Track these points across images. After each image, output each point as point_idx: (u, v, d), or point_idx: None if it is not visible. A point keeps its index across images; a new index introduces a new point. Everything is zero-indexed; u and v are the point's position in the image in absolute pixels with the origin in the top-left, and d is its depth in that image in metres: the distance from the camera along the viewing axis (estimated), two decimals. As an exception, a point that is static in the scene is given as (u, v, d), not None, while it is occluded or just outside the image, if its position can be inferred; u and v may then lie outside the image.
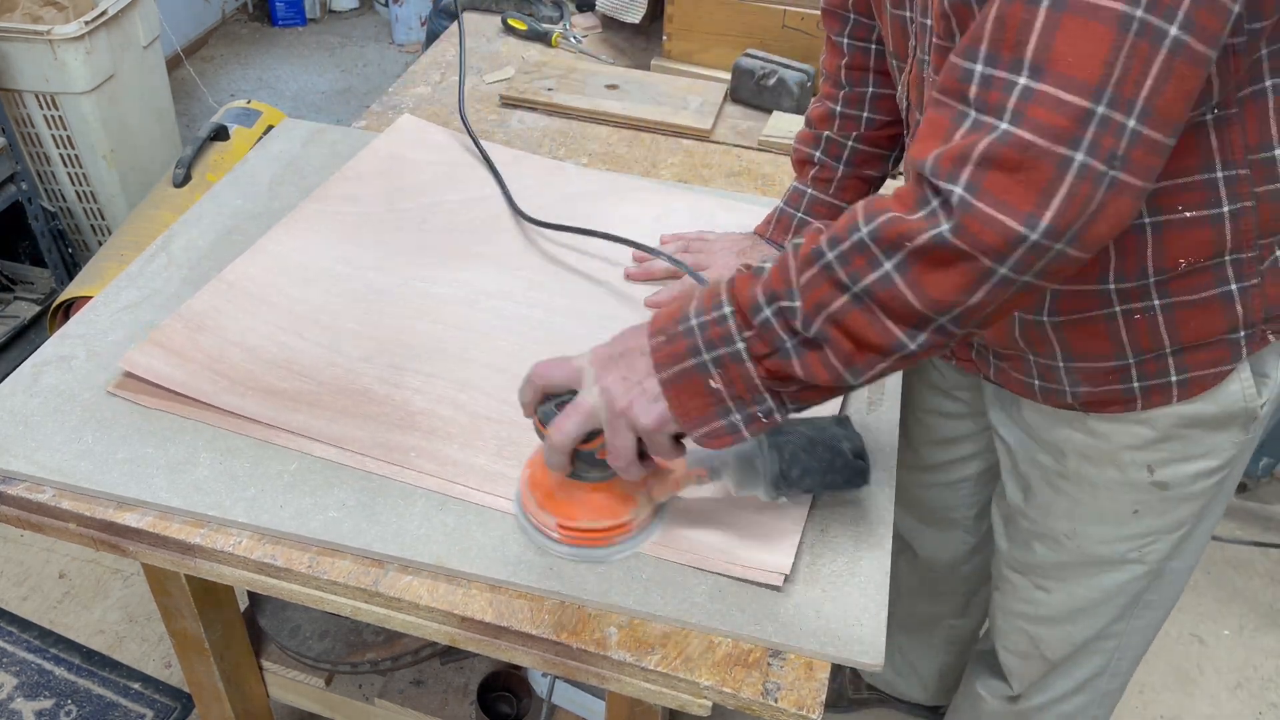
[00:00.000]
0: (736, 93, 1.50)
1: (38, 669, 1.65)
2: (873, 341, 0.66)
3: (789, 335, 0.68)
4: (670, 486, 0.83)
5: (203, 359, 0.95)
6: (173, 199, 2.01)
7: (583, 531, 0.82)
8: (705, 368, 0.70)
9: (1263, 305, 0.81)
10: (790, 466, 0.79)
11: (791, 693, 0.74)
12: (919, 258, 0.62)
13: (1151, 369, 0.85)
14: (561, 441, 0.75)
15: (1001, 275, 0.61)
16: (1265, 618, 1.89)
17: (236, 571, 0.83)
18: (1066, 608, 1.07)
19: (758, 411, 0.71)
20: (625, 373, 0.73)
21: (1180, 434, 0.89)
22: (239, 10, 3.82)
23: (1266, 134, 0.73)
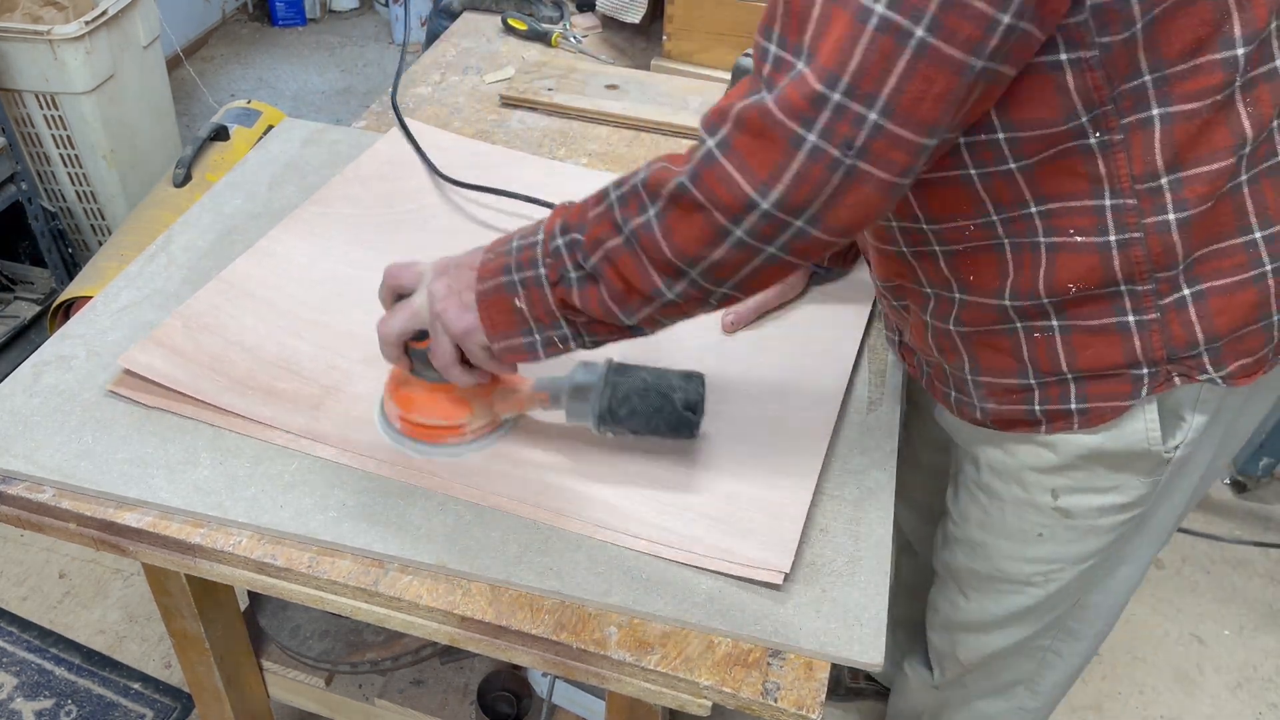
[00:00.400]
0: (736, 93, 1.51)
1: (38, 669, 1.65)
2: (636, 285, 0.70)
3: (574, 267, 0.72)
4: (514, 405, 0.89)
5: (203, 358, 0.95)
6: (173, 199, 2.01)
7: (416, 425, 0.89)
8: (514, 287, 0.75)
9: (1164, 344, 0.78)
10: (619, 405, 0.85)
11: (791, 692, 0.74)
12: (671, 205, 0.67)
13: (1054, 393, 0.83)
14: (385, 334, 0.83)
15: (738, 237, 0.65)
16: (1265, 618, 1.89)
17: (236, 571, 0.83)
18: (980, 618, 1.06)
19: (554, 336, 0.76)
20: (451, 280, 0.79)
21: (1083, 465, 0.87)
22: (239, 10, 3.82)
23: (1153, 164, 0.71)
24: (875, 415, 0.98)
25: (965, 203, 0.76)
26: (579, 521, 0.84)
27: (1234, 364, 0.79)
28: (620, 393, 0.85)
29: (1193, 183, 0.71)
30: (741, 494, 0.87)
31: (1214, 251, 0.75)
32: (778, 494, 0.87)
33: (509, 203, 1.22)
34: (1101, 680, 1.77)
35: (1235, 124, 0.70)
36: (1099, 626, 1.06)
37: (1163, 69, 0.67)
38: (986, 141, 0.71)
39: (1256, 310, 0.77)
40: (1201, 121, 0.69)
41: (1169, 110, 0.69)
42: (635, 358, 0.88)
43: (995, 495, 0.95)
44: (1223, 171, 0.71)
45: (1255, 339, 0.79)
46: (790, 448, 0.92)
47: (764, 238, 0.65)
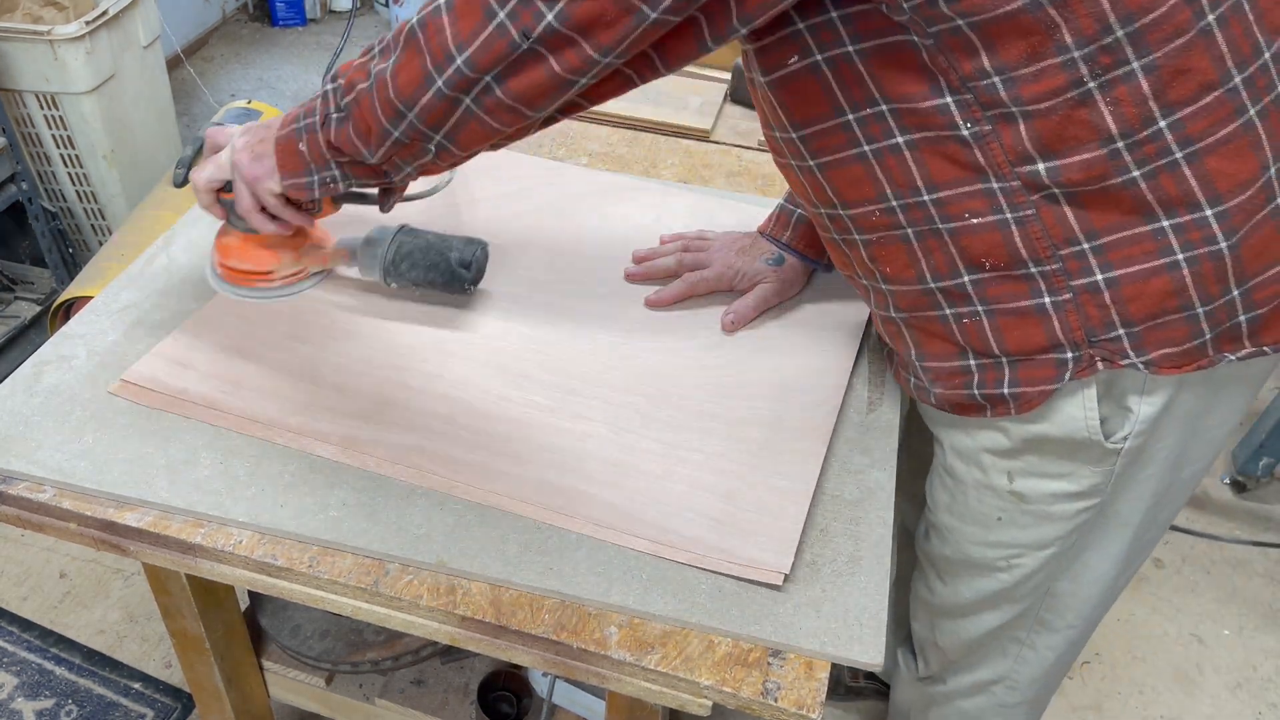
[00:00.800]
0: (736, 93, 1.51)
1: (38, 669, 1.65)
2: (372, 123, 0.79)
3: (336, 109, 0.82)
4: (319, 259, 1.04)
5: (203, 364, 0.96)
6: (173, 199, 2.01)
7: (230, 269, 1.02)
8: (300, 132, 0.85)
9: (1082, 325, 0.80)
10: (402, 260, 0.99)
11: (791, 692, 0.74)
12: (403, 48, 0.76)
13: (990, 377, 0.85)
14: (195, 182, 0.94)
15: (439, 86, 0.75)
16: (1265, 618, 1.89)
17: (237, 571, 0.83)
18: (954, 603, 1.08)
19: (326, 177, 0.86)
20: (251, 137, 0.90)
21: (1032, 449, 0.89)
22: (239, 10, 3.82)
23: (1025, 151, 0.74)
24: (875, 415, 0.98)
25: (866, 184, 0.81)
26: (580, 521, 0.84)
27: (1156, 352, 0.80)
28: (405, 249, 1.00)
29: (1068, 170, 0.74)
30: (742, 494, 0.87)
31: (1124, 237, 0.76)
32: (778, 494, 0.87)
33: (506, 202, 1.22)
34: (1101, 680, 1.77)
35: (1099, 120, 0.72)
36: (1070, 618, 1.06)
37: (1008, 72, 0.71)
38: (873, 115, 0.77)
39: (1175, 298, 0.77)
40: (1060, 117, 0.72)
41: (1024, 109, 0.72)
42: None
43: (959, 479, 0.97)
44: (1095, 161, 0.73)
45: (1178, 328, 0.79)
46: (790, 448, 0.92)
47: (459, 89, 0.74)
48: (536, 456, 0.90)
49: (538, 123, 0.81)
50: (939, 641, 1.14)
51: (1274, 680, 1.79)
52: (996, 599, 1.04)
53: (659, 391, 0.97)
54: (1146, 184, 0.74)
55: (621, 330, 1.05)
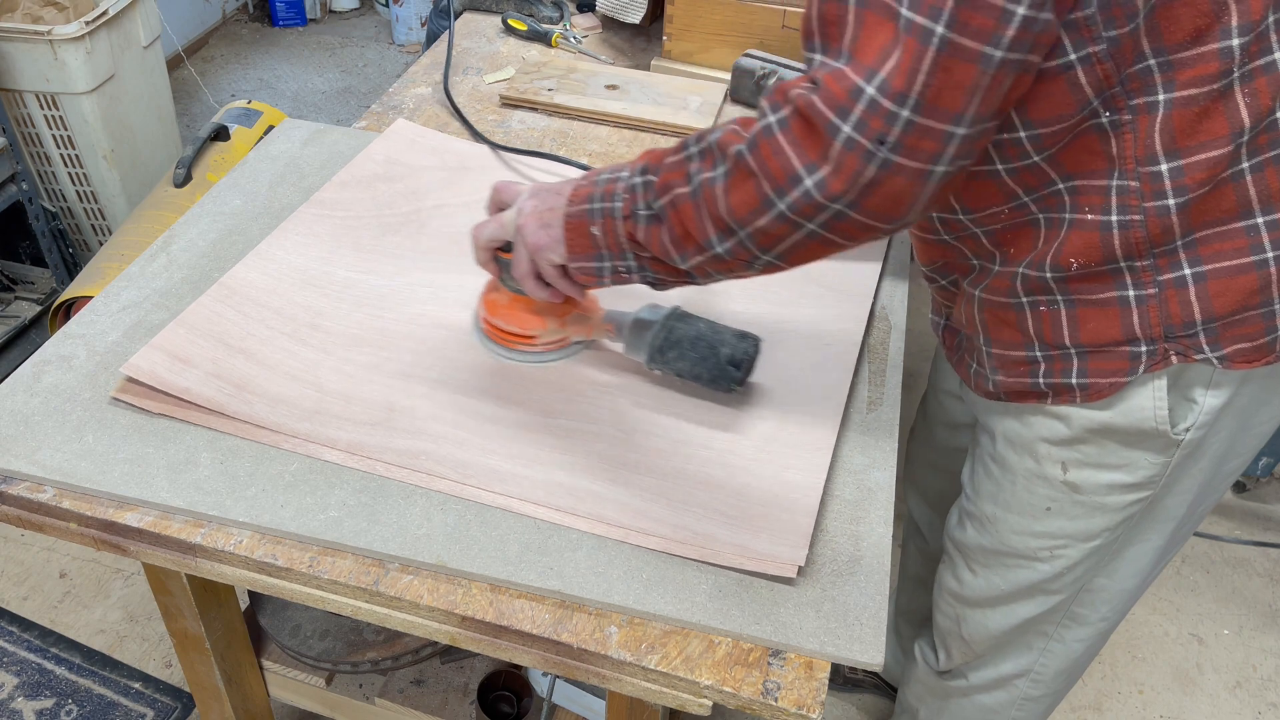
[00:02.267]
0: (736, 93, 1.51)
1: (38, 669, 1.65)
2: (693, 233, 0.75)
3: (644, 205, 0.78)
4: (584, 329, 0.99)
5: (206, 364, 0.95)
6: (173, 199, 2.01)
7: (495, 329, 1.00)
8: (594, 214, 0.82)
9: (1161, 320, 0.81)
10: (671, 347, 0.94)
11: (791, 692, 0.74)
12: (733, 168, 0.72)
13: (1057, 366, 0.86)
14: (476, 238, 0.92)
15: (781, 210, 0.69)
16: (1265, 618, 1.89)
17: (237, 571, 0.83)
18: (985, 594, 1.08)
19: (620, 265, 0.83)
20: (538, 201, 0.87)
21: (1094, 439, 0.89)
22: (239, 10, 3.82)
23: (1153, 148, 0.74)
24: (875, 415, 0.98)
25: (997, 195, 0.81)
26: (591, 521, 0.84)
27: (1231, 347, 0.81)
28: (675, 335, 0.94)
29: (1192, 169, 0.74)
30: (752, 488, 0.87)
31: (1216, 234, 0.77)
32: (788, 488, 0.87)
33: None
34: (1101, 680, 1.77)
35: (1234, 113, 0.72)
36: (1103, 611, 1.07)
37: (1165, 54, 0.71)
38: (1010, 140, 0.76)
39: (1257, 295, 0.79)
40: (1199, 109, 0.72)
41: (1171, 96, 0.72)
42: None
43: (1008, 468, 0.97)
44: (1221, 159, 0.74)
45: (1254, 324, 0.80)
46: (798, 441, 0.92)
47: (805, 214, 0.69)
48: (546, 458, 0.90)
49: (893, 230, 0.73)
50: (964, 633, 1.14)
51: (1274, 680, 1.79)
52: (1032, 590, 1.04)
53: (666, 388, 0.98)
54: (1252, 177, 0.75)
55: None
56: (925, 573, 1.41)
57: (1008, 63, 0.64)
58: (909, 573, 1.49)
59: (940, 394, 1.24)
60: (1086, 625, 1.08)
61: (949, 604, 1.15)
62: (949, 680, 1.22)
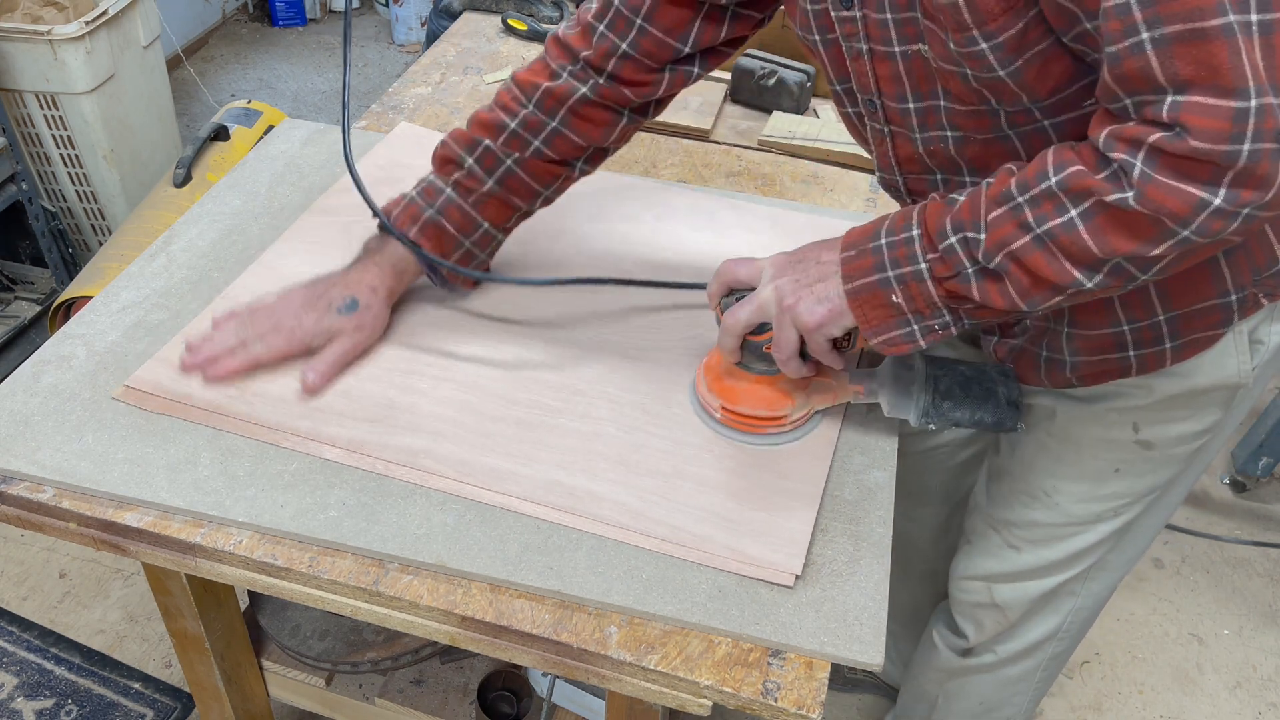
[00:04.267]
0: (736, 93, 1.51)
1: (38, 669, 1.65)
2: (1049, 279, 0.72)
3: (970, 263, 0.75)
4: (830, 397, 0.93)
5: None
6: (173, 199, 2.01)
7: (742, 416, 0.92)
8: (888, 283, 0.78)
9: (1250, 266, 0.83)
10: (943, 398, 0.89)
11: (791, 692, 0.74)
12: (1104, 211, 0.68)
13: (1147, 336, 0.87)
14: (732, 325, 0.86)
15: (1184, 236, 0.66)
16: (1265, 617, 1.89)
17: (237, 571, 0.83)
18: (1032, 566, 1.09)
19: (935, 324, 0.79)
20: (799, 275, 0.83)
21: (1170, 401, 0.91)
22: (239, 10, 3.82)
23: None
24: (875, 415, 0.98)
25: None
26: (589, 520, 0.84)
27: None
28: (943, 386, 0.89)
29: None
30: (750, 493, 0.87)
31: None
32: (786, 495, 0.87)
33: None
34: (1101, 680, 1.77)
35: None
36: (1130, 553, 1.09)
37: None
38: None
39: None
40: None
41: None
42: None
43: (1071, 440, 0.98)
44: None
45: None
46: (797, 448, 0.92)
47: (1212, 232, 0.66)
48: (545, 457, 0.90)
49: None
50: (998, 600, 1.15)
51: (1274, 680, 1.79)
52: (1082, 554, 1.05)
53: (665, 390, 0.97)
54: None
55: (624, 329, 1.05)
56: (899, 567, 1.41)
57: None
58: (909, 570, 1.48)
59: None
60: (1114, 571, 1.10)
61: (978, 582, 1.16)
62: (975, 658, 1.22)
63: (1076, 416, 0.97)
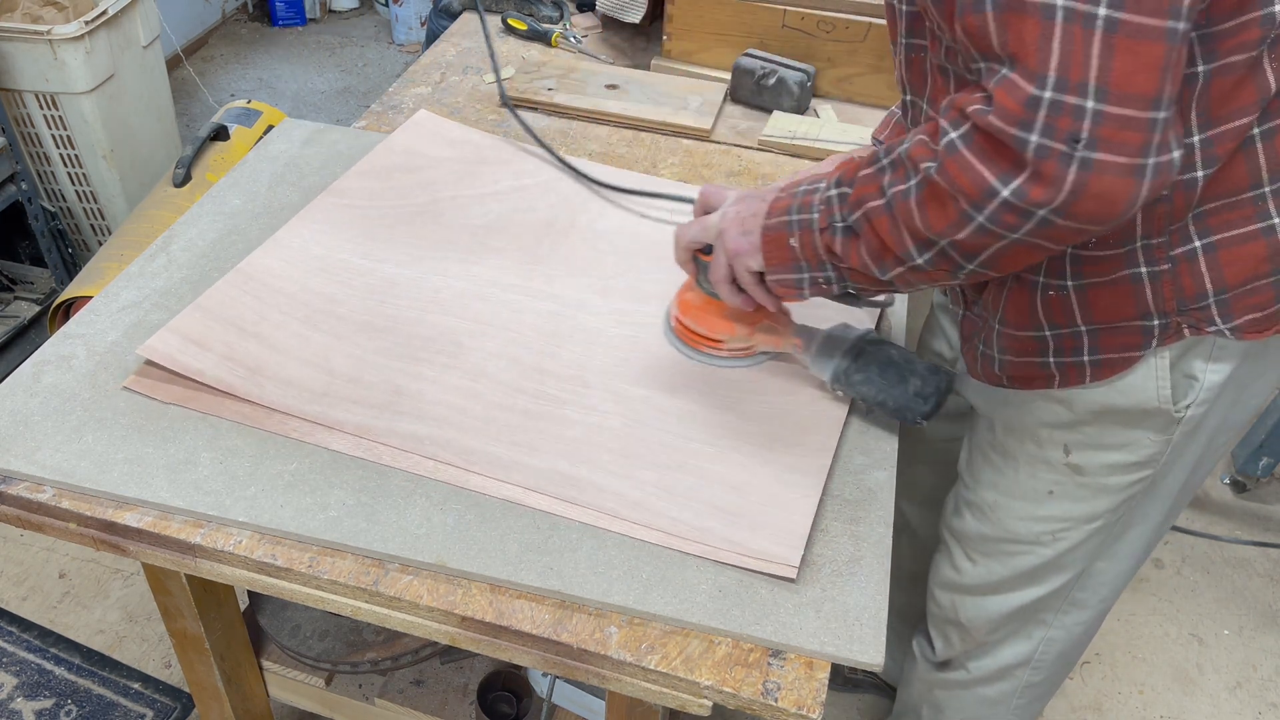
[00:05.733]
0: (736, 93, 1.51)
1: (38, 669, 1.65)
2: (891, 246, 0.74)
3: (840, 218, 0.77)
4: (774, 340, 0.98)
5: (220, 348, 0.96)
6: (173, 199, 2.01)
7: (686, 329, 1.01)
8: (790, 226, 0.81)
9: (1175, 294, 0.81)
10: (858, 371, 0.92)
11: (791, 692, 0.74)
12: (923, 185, 0.70)
13: (1067, 345, 0.87)
14: (678, 238, 0.92)
15: (980, 223, 0.67)
16: (1265, 618, 1.89)
17: (236, 571, 0.83)
18: (985, 581, 1.08)
19: (819, 277, 0.82)
20: (741, 208, 0.86)
21: (1096, 420, 0.90)
22: (239, 10, 3.82)
23: (1188, 120, 0.73)
24: (875, 415, 0.98)
25: None
26: (591, 512, 0.84)
27: (1243, 318, 0.81)
28: (864, 359, 0.93)
29: (1221, 140, 0.74)
30: (753, 486, 0.87)
31: (1224, 205, 0.77)
32: (787, 487, 0.87)
33: (522, 196, 1.22)
34: (1101, 680, 1.77)
35: (1261, 80, 0.72)
36: (1103, 594, 1.07)
37: (1209, 27, 0.70)
38: None
39: (1267, 263, 0.79)
40: (1236, 78, 0.71)
41: (1211, 66, 0.71)
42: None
43: (1009, 455, 0.98)
44: (1245, 128, 0.73)
45: (1265, 293, 0.80)
46: (801, 441, 0.92)
47: (1007, 226, 0.66)
48: (549, 448, 0.90)
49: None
50: (962, 619, 1.14)
51: (1274, 680, 1.79)
52: (1033, 575, 1.04)
53: (670, 384, 0.98)
54: (1263, 145, 0.75)
55: (633, 323, 1.05)
56: (918, 568, 1.41)
57: (1185, 34, 0.60)
58: (902, 569, 1.48)
59: None
60: (1086, 609, 1.08)
61: (944, 593, 1.16)
62: (949, 673, 1.22)
63: (1013, 429, 0.96)
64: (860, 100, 1.53)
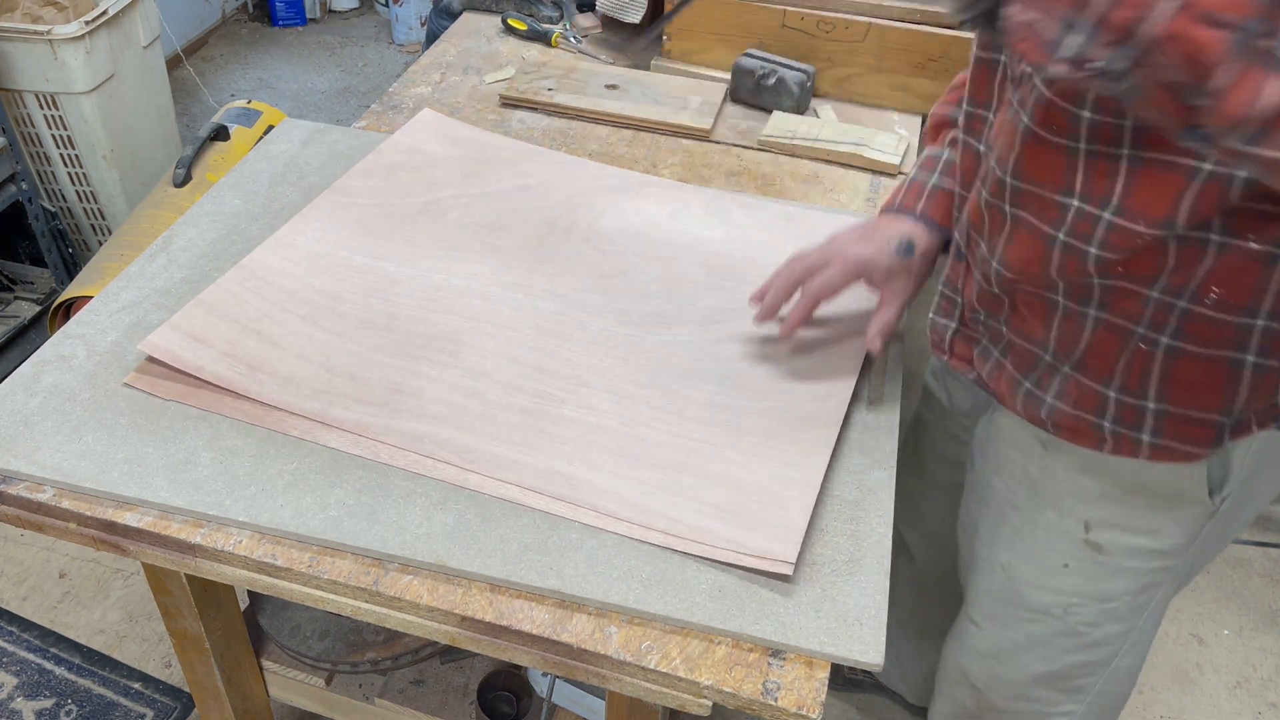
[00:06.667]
0: (736, 93, 1.51)
1: (38, 669, 1.65)
2: None
3: None
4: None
5: (221, 344, 0.96)
6: (173, 199, 2.01)
7: None
8: None
9: (1267, 395, 0.74)
10: None
11: (791, 692, 0.74)
12: None
13: (1129, 416, 0.80)
14: None
15: None
16: (1265, 618, 1.89)
17: (237, 571, 0.83)
18: (994, 646, 1.05)
19: None
20: None
21: (1123, 497, 0.86)
22: (239, 10, 3.82)
23: None
24: (875, 415, 0.98)
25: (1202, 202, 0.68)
26: (589, 512, 0.84)
27: None
28: None
29: None
30: (750, 485, 0.87)
31: None
32: (785, 484, 0.87)
33: (525, 195, 1.22)
34: (1101, 680, 1.77)
35: None
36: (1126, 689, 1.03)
37: None
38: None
39: None
40: None
41: None
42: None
43: (1028, 518, 0.94)
44: None
45: None
46: (799, 438, 0.92)
47: None
48: (547, 447, 0.90)
49: None
50: (973, 681, 1.10)
51: (1274, 680, 1.79)
52: (1040, 643, 1.00)
53: (670, 384, 0.98)
54: None
55: (634, 324, 1.05)
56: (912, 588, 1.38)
57: None
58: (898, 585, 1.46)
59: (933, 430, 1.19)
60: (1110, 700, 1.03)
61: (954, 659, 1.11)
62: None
63: (1035, 493, 0.92)
64: (860, 100, 1.53)
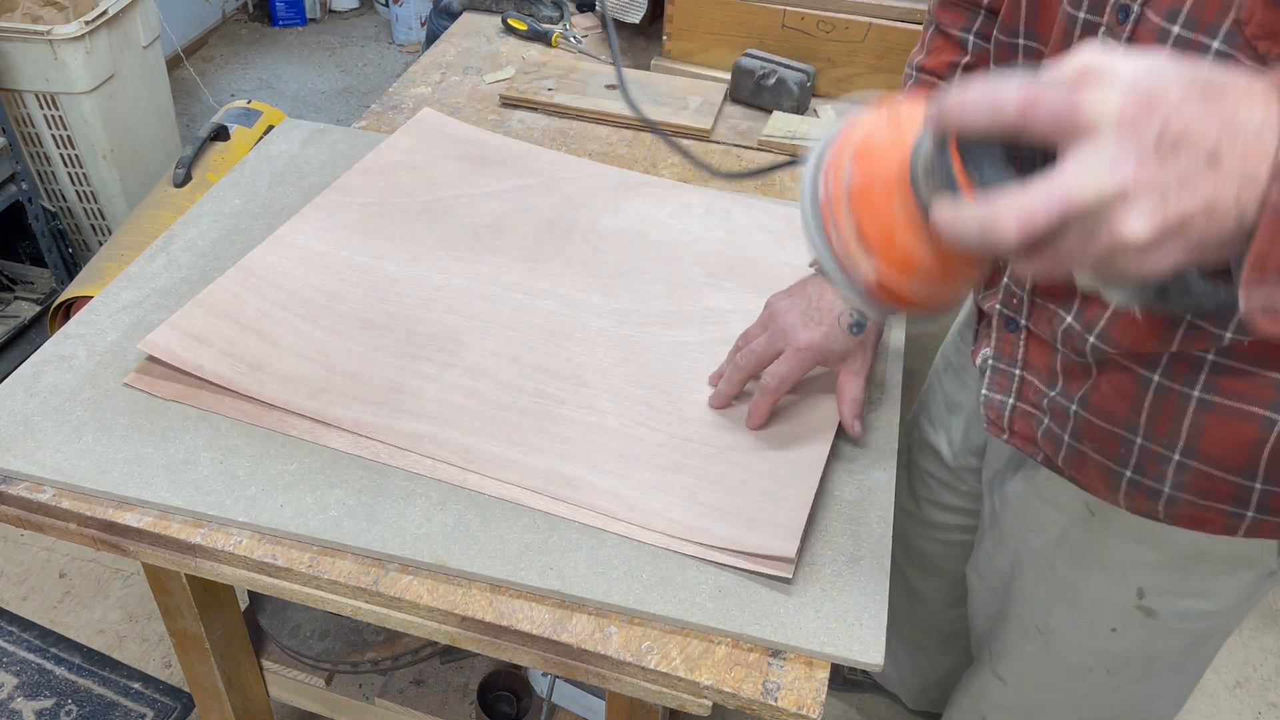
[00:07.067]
0: (736, 93, 1.50)
1: (38, 669, 1.65)
2: None
3: None
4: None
5: (220, 343, 0.96)
6: (173, 199, 2.01)
7: (900, 281, 0.57)
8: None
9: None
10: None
11: (791, 692, 0.74)
12: None
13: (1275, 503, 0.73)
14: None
15: None
16: (1265, 618, 1.89)
17: (237, 571, 0.83)
18: (1022, 703, 1.02)
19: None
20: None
21: (1182, 564, 0.82)
22: (239, 10, 3.82)
23: None
24: (875, 415, 0.98)
25: None
26: (588, 512, 0.84)
27: None
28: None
29: None
30: (749, 485, 0.87)
31: None
32: (783, 483, 0.87)
33: (525, 195, 1.22)
34: (1101, 680, 1.77)
35: None
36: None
37: None
38: None
39: None
40: None
41: None
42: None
43: (1070, 583, 0.90)
44: None
45: None
46: (798, 437, 0.92)
47: None
48: (547, 447, 0.90)
49: None
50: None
51: (1274, 680, 1.79)
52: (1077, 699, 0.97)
53: (670, 384, 0.98)
54: None
55: (634, 324, 1.05)
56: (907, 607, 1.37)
57: None
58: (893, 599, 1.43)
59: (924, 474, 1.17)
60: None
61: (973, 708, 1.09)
62: None
63: (1079, 557, 0.88)
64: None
